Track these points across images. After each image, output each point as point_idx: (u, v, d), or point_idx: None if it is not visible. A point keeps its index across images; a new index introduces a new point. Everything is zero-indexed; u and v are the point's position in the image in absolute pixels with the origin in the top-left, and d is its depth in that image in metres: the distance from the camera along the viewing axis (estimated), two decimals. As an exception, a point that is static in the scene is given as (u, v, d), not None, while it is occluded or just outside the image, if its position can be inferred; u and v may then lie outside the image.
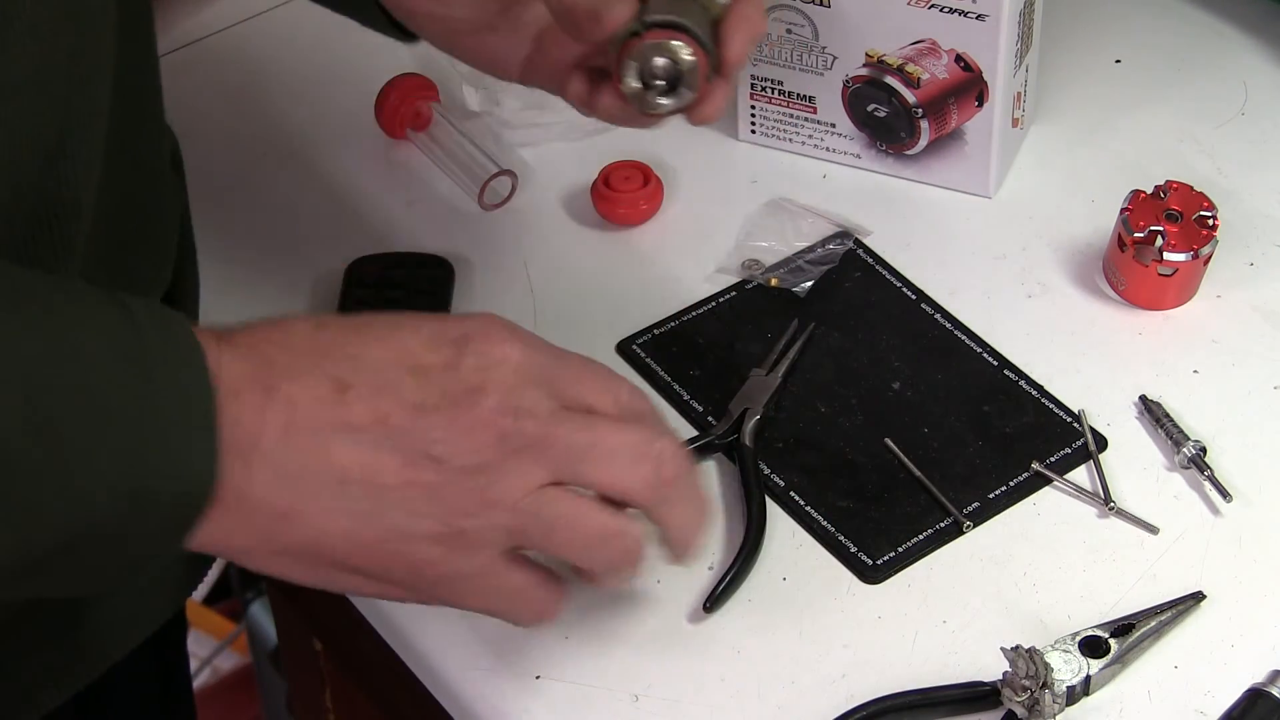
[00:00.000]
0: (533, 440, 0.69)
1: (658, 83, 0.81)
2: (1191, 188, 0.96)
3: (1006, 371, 0.94)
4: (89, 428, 0.62)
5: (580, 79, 0.85)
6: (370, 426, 0.67)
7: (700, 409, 0.92)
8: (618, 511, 0.72)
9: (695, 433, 0.91)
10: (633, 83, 0.81)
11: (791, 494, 0.88)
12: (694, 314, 0.97)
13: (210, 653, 1.79)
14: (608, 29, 0.80)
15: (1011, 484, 0.88)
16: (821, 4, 1.00)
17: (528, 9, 0.87)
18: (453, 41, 0.88)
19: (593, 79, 0.85)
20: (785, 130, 1.06)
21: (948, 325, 0.96)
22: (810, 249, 1.00)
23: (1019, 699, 0.77)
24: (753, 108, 1.06)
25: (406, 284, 0.97)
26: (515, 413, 0.69)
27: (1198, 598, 0.83)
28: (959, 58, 0.99)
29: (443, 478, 0.68)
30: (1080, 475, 0.89)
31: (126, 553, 0.65)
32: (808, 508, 0.87)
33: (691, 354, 0.95)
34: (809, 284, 0.98)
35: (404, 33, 0.90)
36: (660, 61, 0.80)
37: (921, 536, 0.86)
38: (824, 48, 1.02)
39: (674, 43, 0.80)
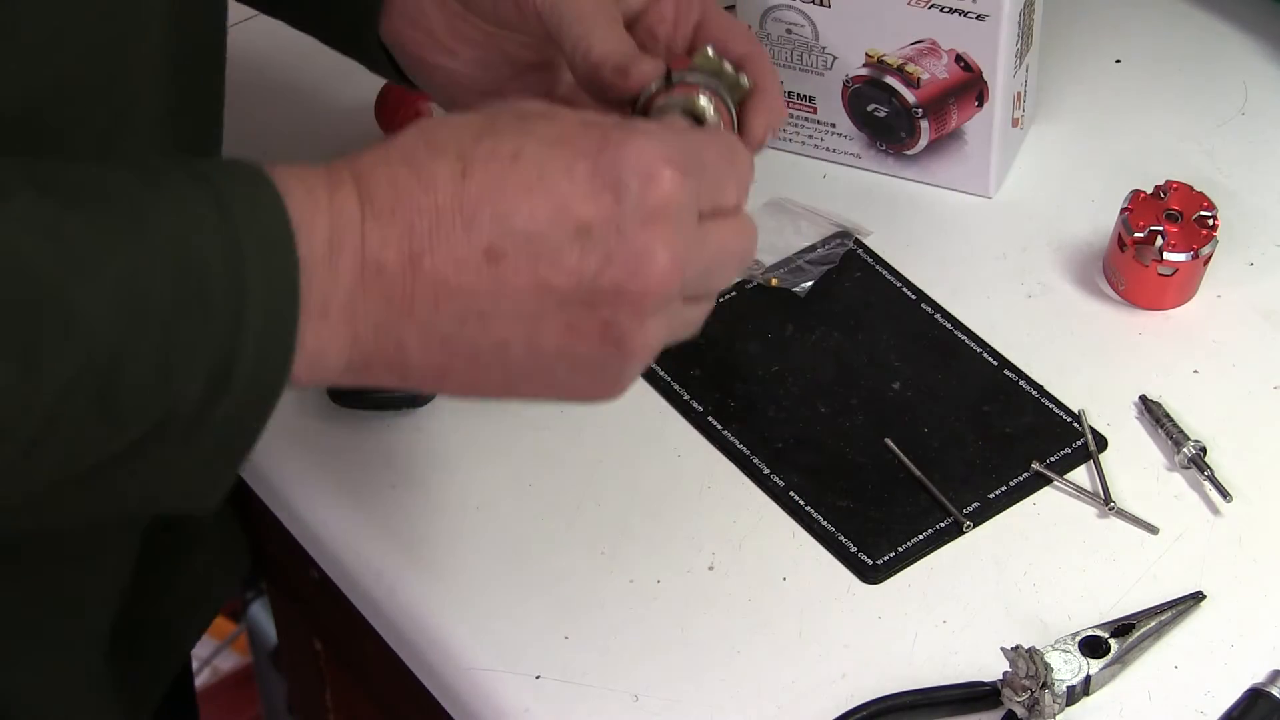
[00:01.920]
0: (683, 290, 0.69)
1: None
2: (1191, 188, 0.96)
3: (1006, 371, 0.94)
4: (186, 317, 0.61)
5: None
6: (530, 296, 0.66)
7: (700, 409, 0.92)
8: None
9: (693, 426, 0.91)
10: None
11: (791, 494, 0.88)
12: (694, 314, 0.97)
13: (210, 653, 1.79)
14: (635, 85, 0.79)
15: (1011, 484, 0.88)
16: (821, 4, 1.00)
17: (541, 76, 0.86)
18: (455, 97, 0.87)
19: None
20: (785, 130, 1.06)
21: (948, 325, 0.96)
22: (810, 249, 1.00)
23: (1019, 699, 0.77)
24: (753, 108, 1.06)
25: (406, 284, 0.97)
26: (679, 273, 0.67)
27: (1198, 598, 0.83)
28: (959, 58, 0.99)
29: (608, 335, 0.67)
30: (1080, 475, 0.89)
31: (214, 421, 0.64)
32: (808, 508, 0.87)
33: (691, 354, 0.95)
34: (809, 284, 0.98)
35: (406, 78, 0.89)
36: (685, 117, 0.79)
37: (921, 536, 0.86)
38: (824, 48, 1.02)
39: (701, 98, 0.78)
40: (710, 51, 0.80)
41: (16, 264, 0.59)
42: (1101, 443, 0.90)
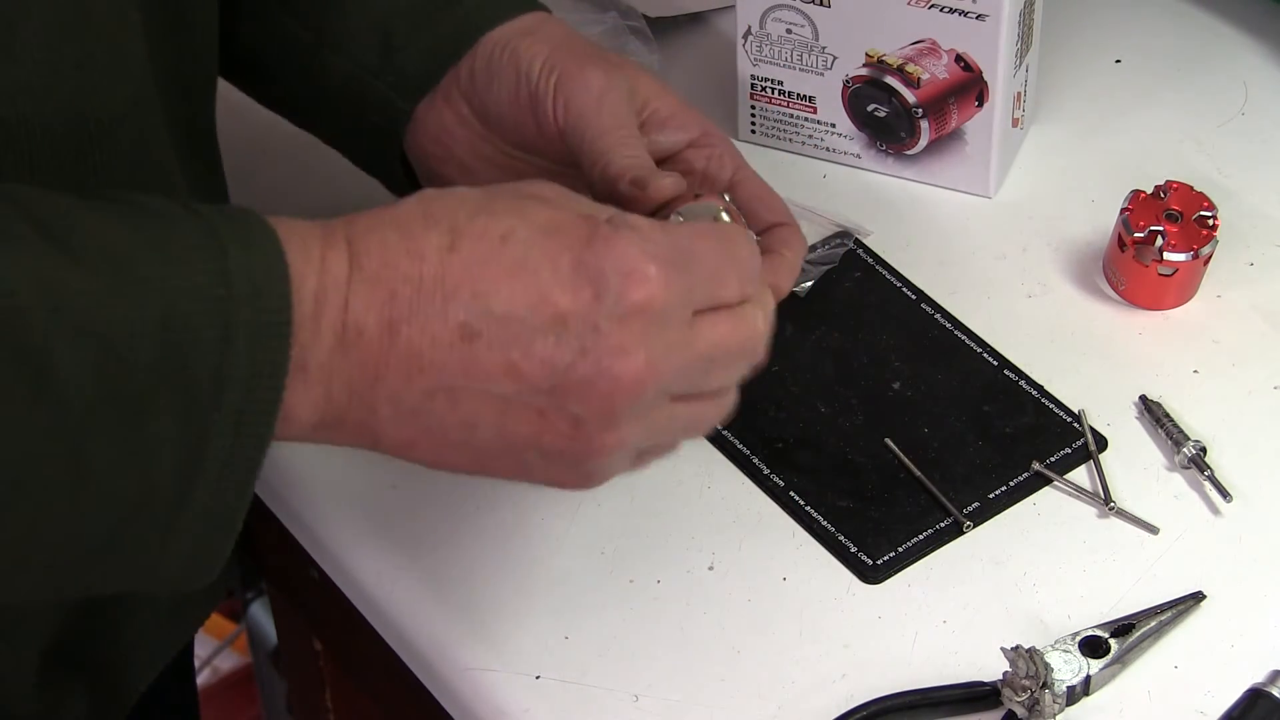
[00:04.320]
0: (664, 391, 0.69)
1: None
2: (1191, 188, 0.96)
3: (1006, 371, 0.94)
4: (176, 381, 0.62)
5: None
6: (501, 378, 0.66)
7: (700, 409, 0.92)
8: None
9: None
10: None
11: (791, 494, 0.88)
12: (694, 314, 0.97)
13: (210, 653, 1.79)
14: (653, 197, 0.79)
15: (1011, 484, 0.88)
16: (821, 4, 1.00)
17: None
18: None
19: None
20: (785, 130, 1.06)
21: (948, 325, 0.96)
22: (810, 249, 1.00)
23: (1019, 699, 0.77)
24: (753, 108, 1.06)
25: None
26: (655, 374, 0.68)
27: (1198, 598, 0.83)
28: (959, 58, 0.99)
29: (578, 432, 0.68)
30: (1080, 475, 0.89)
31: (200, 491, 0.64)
32: (808, 508, 0.87)
33: (691, 354, 0.95)
34: (809, 284, 0.98)
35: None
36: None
37: (921, 536, 0.86)
38: (824, 48, 1.02)
39: (722, 210, 0.79)
40: (726, 197, 0.81)
41: (9, 307, 0.59)
42: (1101, 443, 0.90)
